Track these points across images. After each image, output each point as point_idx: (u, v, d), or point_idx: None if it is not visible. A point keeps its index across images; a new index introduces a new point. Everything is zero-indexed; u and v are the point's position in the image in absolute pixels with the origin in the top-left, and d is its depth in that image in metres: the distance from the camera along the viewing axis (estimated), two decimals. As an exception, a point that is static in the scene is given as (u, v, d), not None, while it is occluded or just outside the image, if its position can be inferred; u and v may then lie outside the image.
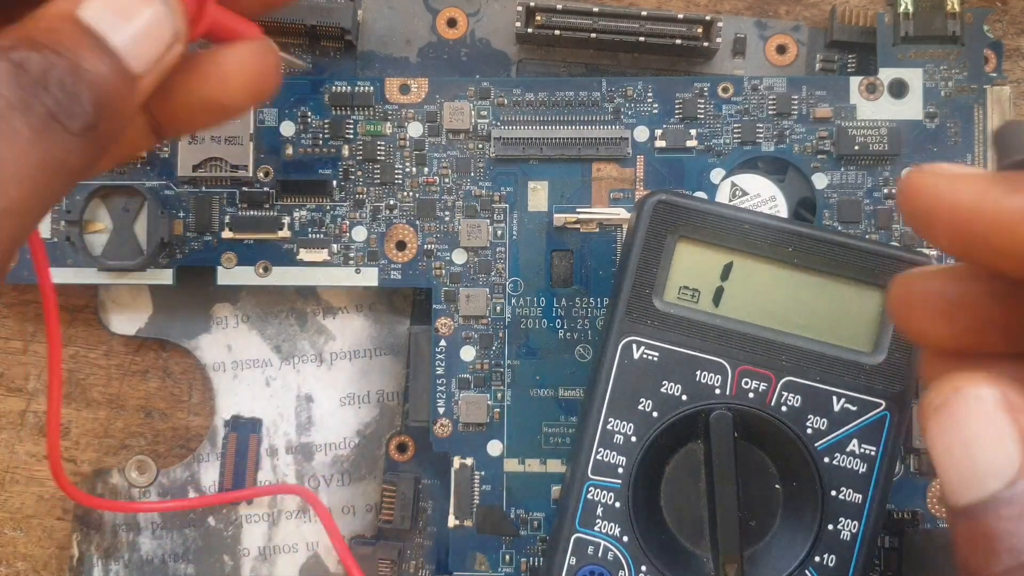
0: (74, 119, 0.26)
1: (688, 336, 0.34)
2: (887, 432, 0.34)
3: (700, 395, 0.34)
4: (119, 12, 0.27)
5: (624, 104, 0.40)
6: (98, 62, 0.26)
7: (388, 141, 0.40)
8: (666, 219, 0.34)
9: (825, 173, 0.39)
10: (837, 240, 0.34)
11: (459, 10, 0.42)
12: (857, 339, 0.34)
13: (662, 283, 0.35)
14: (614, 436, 0.34)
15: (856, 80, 0.39)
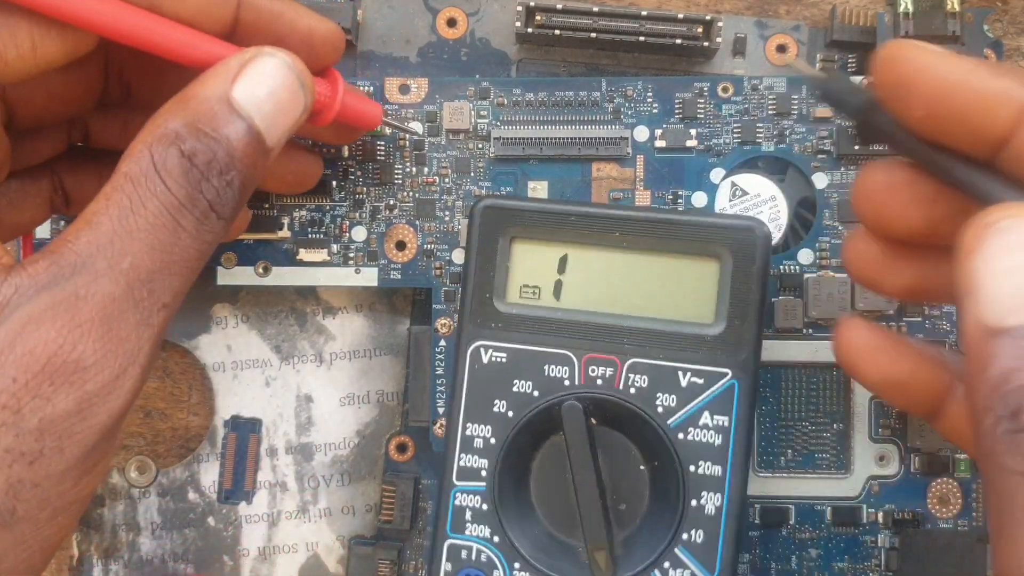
0: (226, 206, 0.29)
1: (532, 333, 0.35)
2: (737, 400, 0.34)
3: (551, 389, 0.35)
4: (266, 93, 0.29)
5: (624, 104, 0.40)
6: (246, 143, 0.29)
7: (388, 141, 0.40)
8: (496, 223, 0.35)
9: (825, 173, 0.39)
10: (661, 218, 0.35)
11: (459, 10, 0.42)
12: (697, 312, 0.35)
13: (503, 285, 0.36)
14: (474, 441, 0.35)
15: (856, 80, 0.39)
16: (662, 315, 0.35)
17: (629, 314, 0.35)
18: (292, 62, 0.30)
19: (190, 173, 0.28)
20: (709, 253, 0.35)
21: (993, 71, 0.26)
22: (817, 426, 0.40)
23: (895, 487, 0.39)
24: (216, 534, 0.41)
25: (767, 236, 0.34)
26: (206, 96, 0.29)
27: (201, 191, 0.28)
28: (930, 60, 0.26)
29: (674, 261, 0.35)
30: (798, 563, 0.39)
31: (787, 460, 0.40)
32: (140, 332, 0.27)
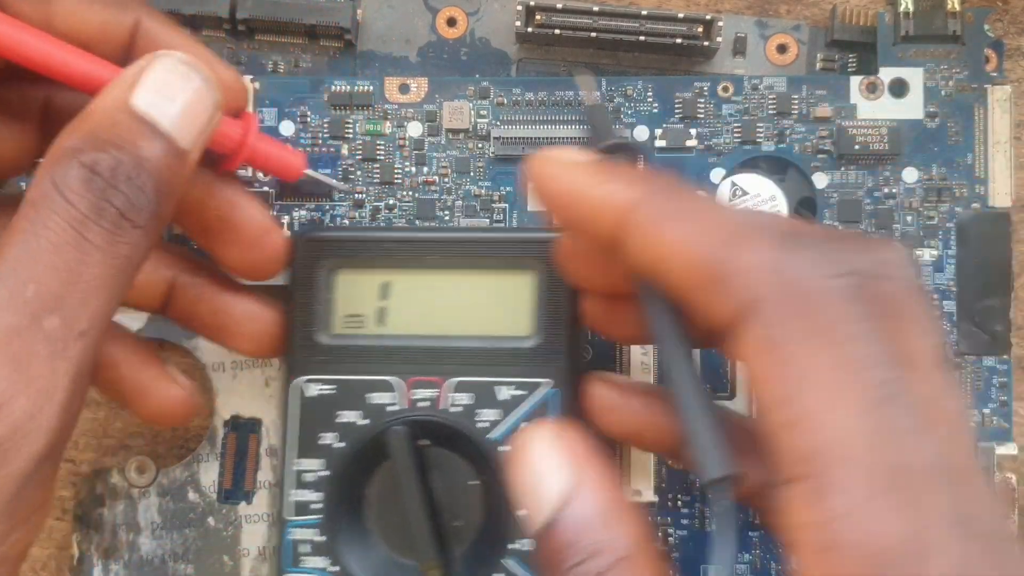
0: (141, 213, 0.27)
1: (356, 362, 0.36)
2: (560, 407, 0.35)
3: (377, 416, 0.35)
4: (166, 95, 0.28)
5: (624, 103, 0.40)
6: (155, 147, 0.27)
7: (387, 141, 0.40)
8: (317, 255, 0.36)
9: (825, 173, 0.39)
10: (474, 236, 0.36)
11: (459, 9, 0.42)
12: (515, 326, 0.35)
13: (327, 317, 0.36)
14: (306, 475, 0.35)
15: (856, 79, 0.39)
16: (483, 332, 0.36)
17: (451, 334, 0.36)
18: (192, 61, 0.29)
19: (92, 182, 0.26)
20: (523, 267, 0.35)
21: (604, 177, 0.28)
22: (817, 426, 0.39)
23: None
24: (216, 534, 0.41)
25: None
26: (104, 108, 0.28)
27: (108, 199, 0.26)
28: (554, 172, 0.29)
29: (491, 277, 0.36)
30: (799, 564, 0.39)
31: (787, 460, 0.39)
32: (55, 366, 0.25)
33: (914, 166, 0.39)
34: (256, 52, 0.42)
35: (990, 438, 0.39)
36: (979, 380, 0.39)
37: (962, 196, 0.39)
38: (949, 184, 0.39)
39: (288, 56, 0.42)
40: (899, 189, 0.39)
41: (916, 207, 0.39)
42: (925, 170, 0.39)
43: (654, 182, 0.28)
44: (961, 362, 0.39)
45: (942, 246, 0.39)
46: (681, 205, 0.27)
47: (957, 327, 0.39)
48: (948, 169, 0.39)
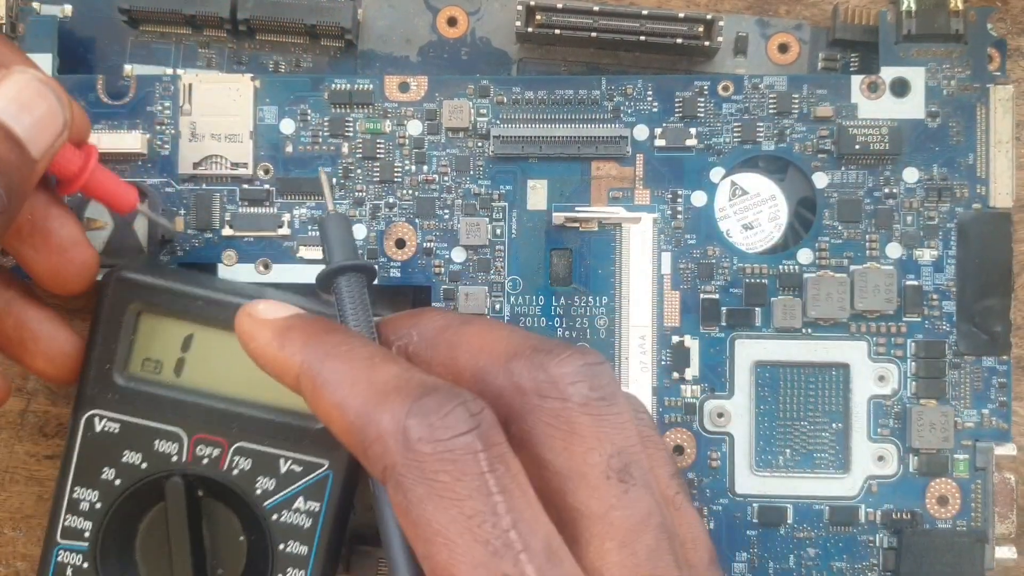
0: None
1: (147, 408, 0.36)
2: (330, 488, 0.36)
3: (158, 463, 0.36)
4: (21, 106, 0.30)
5: (624, 102, 0.40)
6: (7, 151, 0.30)
7: (387, 139, 0.40)
8: (127, 295, 0.36)
9: (826, 172, 0.39)
10: None
11: (459, 9, 0.42)
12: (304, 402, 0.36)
13: (125, 355, 0.37)
14: (80, 503, 0.36)
15: (857, 79, 0.39)
16: (274, 402, 0.36)
17: (244, 398, 0.36)
18: (47, 79, 0.32)
19: None
20: None
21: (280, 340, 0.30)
22: (815, 425, 0.40)
23: (893, 487, 0.39)
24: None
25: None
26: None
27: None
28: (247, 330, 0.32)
29: None
30: (796, 562, 0.39)
31: (785, 459, 0.40)
32: None
33: (915, 166, 0.39)
34: (257, 52, 0.42)
35: (989, 438, 0.39)
36: (978, 380, 0.39)
37: (963, 196, 0.39)
38: (950, 184, 0.39)
39: (289, 56, 0.42)
40: (900, 189, 0.39)
41: (916, 207, 0.39)
42: (926, 170, 0.39)
43: (320, 345, 0.29)
44: (961, 362, 0.39)
45: (942, 246, 0.39)
46: (338, 369, 0.29)
47: (956, 327, 0.39)
48: (949, 169, 0.39)
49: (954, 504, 0.39)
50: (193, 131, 0.40)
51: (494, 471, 0.26)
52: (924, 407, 0.39)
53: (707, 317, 0.39)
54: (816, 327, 0.39)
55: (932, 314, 0.39)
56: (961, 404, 0.39)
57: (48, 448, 0.42)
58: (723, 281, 0.40)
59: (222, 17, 0.40)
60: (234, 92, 0.40)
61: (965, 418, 0.39)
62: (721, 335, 0.40)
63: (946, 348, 0.39)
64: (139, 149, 0.39)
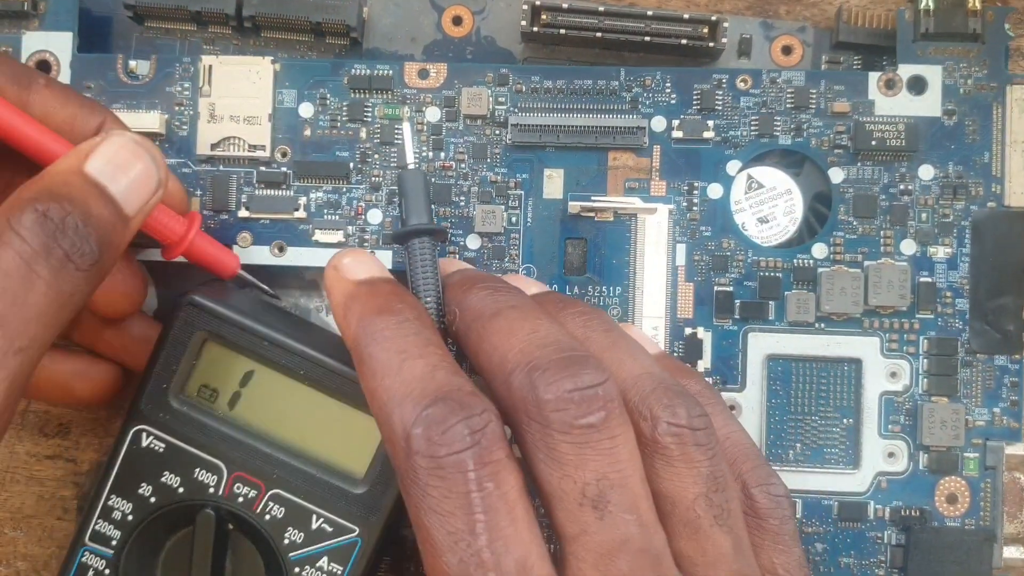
0: (84, 258, 0.30)
1: (195, 434, 0.36)
2: (356, 556, 0.36)
3: (195, 491, 0.36)
4: (117, 166, 0.32)
5: (642, 94, 0.40)
6: (102, 208, 0.31)
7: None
8: (197, 319, 0.36)
9: (842, 168, 0.39)
10: (342, 371, 0.36)
11: (465, 8, 0.42)
12: (351, 464, 0.36)
13: (184, 378, 0.37)
14: (113, 511, 0.37)
15: (875, 75, 0.39)
16: (320, 456, 0.36)
17: (291, 446, 0.36)
18: (143, 140, 0.33)
19: (44, 224, 0.29)
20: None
21: (345, 306, 0.33)
22: (827, 420, 0.40)
23: (903, 484, 0.39)
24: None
25: None
26: (60, 170, 0.32)
27: (56, 241, 0.30)
28: (329, 284, 0.34)
29: (347, 411, 0.36)
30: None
31: (796, 454, 0.40)
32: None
33: (930, 163, 0.39)
34: (262, 49, 0.42)
35: (1000, 437, 0.39)
36: (990, 379, 0.39)
37: (978, 195, 0.39)
38: (965, 182, 0.39)
39: (294, 53, 0.42)
40: (915, 186, 0.39)
41: (931, 204, 0.39)
42: (941, 167, 0.39)
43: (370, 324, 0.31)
44: (973, 360, 0.39)
45: (956, 244, 0.39)
46: (377, 354, 0.31)
47: (969, 325, 0.39)
48: (964, 167, 0.39)
49: (963, 502, 0.39)
50: (212, 112, 0.40)
51: (481, 490, 0.27)
52: (935, 404, 0.39)
53: (720, 309, 0.40)
54: (829, 322, 0.39)
55: (945, 311, 0.39)
56: (972, 402, 0.39)
57: (48, 448, 0.42)
58: (737, 274, 0.40)
59: (227, 14, 0.40)
60: (254, 75, 0.40)
61: (976, 416, 0.39)
62: (734, 328, 0.40)
63: (958, 346, 0.39)
64: (157, 129, 0.39)
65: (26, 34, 0.40)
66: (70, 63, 0.40)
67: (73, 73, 0.40)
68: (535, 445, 0.29)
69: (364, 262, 0.34)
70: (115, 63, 0.40)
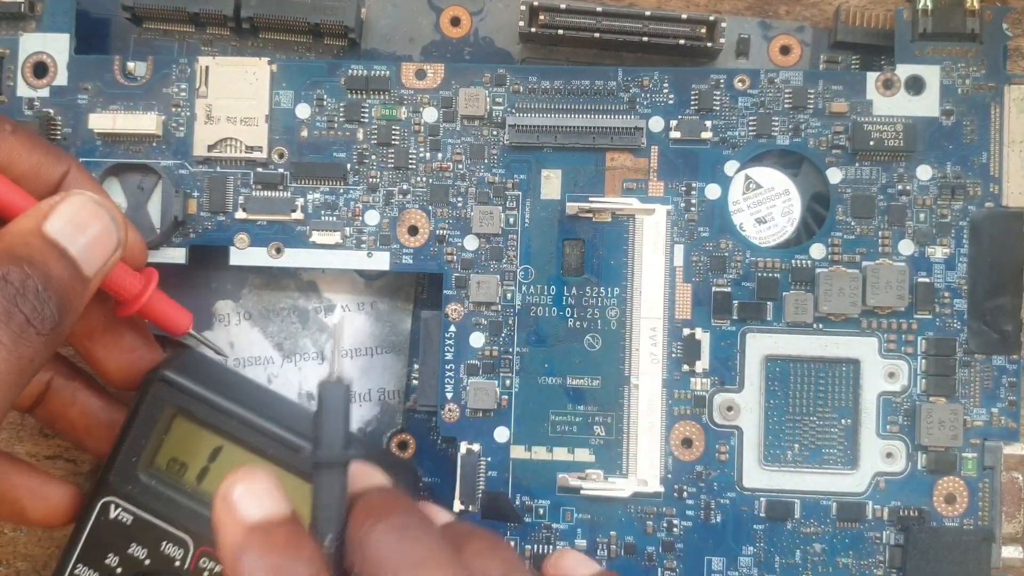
0: (45, 322, 0.30)
1: (163, 508, 0.37)
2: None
3: (161, 564, 0.37)
4: (77, 226, 0.32)
5: (640, 94, 0.40)
6: (61, 270, 0.31)
7: (403, 126, 0.40)
8: (167, 395, 0.37)
9: (840, 168, 0.39)
10: (306, 449, 0.36)
11: (463, 8, 0.42)
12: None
13: (154, 451, 0.37)
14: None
15: (873, 76, 0.39)
16: None
17: None
18: (103, 201, 0.33)
19: (4, 289, 0.30)
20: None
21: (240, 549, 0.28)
22: (825, 421, 0.40)
23: (901, 484, 0.39)
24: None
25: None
26: (19, 231, 0.31)
27: (16, 305, 0.29)
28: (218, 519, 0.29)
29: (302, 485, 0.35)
30: (802, 557, 0.39)
31: (794, 454, 0.40)
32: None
33: (928, 163, 0.39)
34: (260, 50, 0.42)
35: (998, 437, 0.39)
36: (988, 379, 0.39)
37: (976, 195, 0.39)
38: (963, 182, 0.39)
39: (292, 54, 0.42)
40: (913, 186, 0.39)
41: (929, 204, 0.39)
42: (939, 167, 0.39)
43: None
44: (971, 360, 0.39)
45: (954, 244, 0.39)
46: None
47: (967, 325, 0.39)
48: (963, 167, 0.39)
49: (962, 502, 0.39)
50: (209, 113, 0.40)
51: None
52: (933, 404, 0.39)
53: (718, 310, 0.39)
54: (827, 322, 0.39)
55: (943, 312, 0.39)
56: (970, 402, 0.39)
57: (48, 448, 0.42)
58: (735, 274, 0.40)
59: (226, 15, 0.40)
60: (251, 76, 0.40)
61: (974, 416, 0.39)
62: (732, 328, 0.40)
63: (956, 346, 0.39)
64: (154, 130, 0.39)
65: (23, 35, 0.40)
66: (67, 64, 0.40)
67: (70, 74, 0.40)
68: None
69: (259, 494, 0.29)
70: (112, 64, 0.40)
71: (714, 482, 0.39)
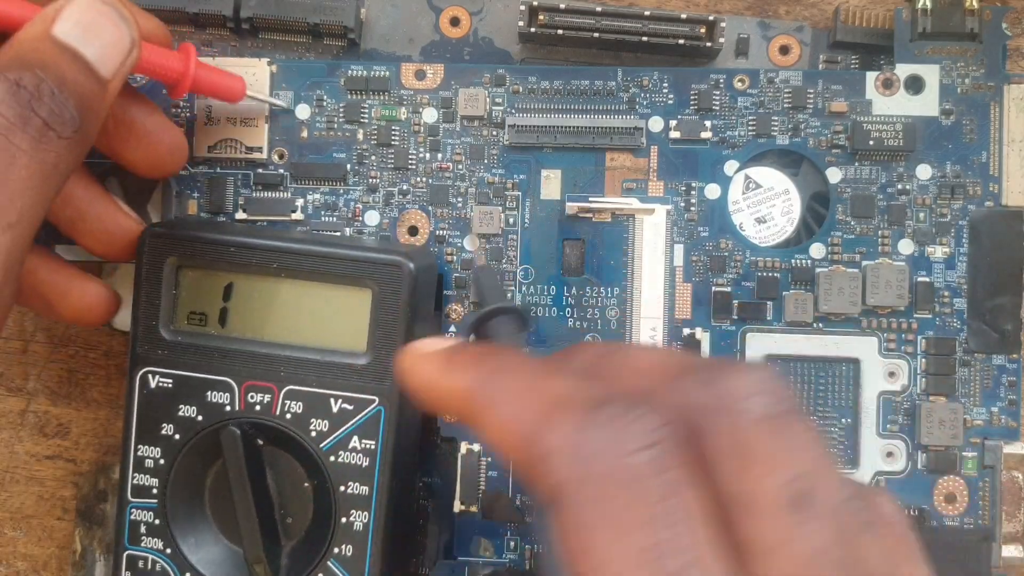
0: (65, 125, 0.29)
1: (197, 360, 0.36)
2: (383, 425, 0.35)
3: (213, 414, 0.36)
4: (86, 27, 0.31)
5: (639, 94, 0.40)
6: (77, 72, 0.30)
7: (402, 126, 0.40)
8: (163, 250, 0.36)
9: (839, 167, 0.39)
10: (316, 250, 0.36)
11: (462, 9, 0.42)
12: (350, 341, 0.36)
13: (170, 311, 0.37)
14: (145, 461, 0.37)
15: (872, 75, 0.39)
16: (319, 343, 0.36)
17: (289, 342, 0.36)
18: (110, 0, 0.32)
19: (18, 94, 0.28)
20: (361, 285, 0.36)
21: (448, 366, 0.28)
22: (825, 420, 0.40)
23: (902, 483, 0.39)
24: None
25: (411, 272, 0.35)
26: (27, 38, 0.30)
27: (32, 109, 0.29)
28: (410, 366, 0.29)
29: (331, 291, 0.36)
30: (803, 557, 0.39)
31: (794, 454, 0.39)
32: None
33: (928, 163, 0.39)
34: (260, 51, 0.42)
35: (998, 436, 0.39)
36: (988, 379, 0.39)
37: (975, 194, 0.39)
38: (963, 182, 0.39)
39: (292, 55, 0.41)
40: (913, 185, 0.39)
41: (929, 204, 0.39)
42: (939, 167, 0.39)
43: (488, 364, 0.27)
44: (971, 359, 0.39)
45: (954, 243, 0.39)
46: (507, 385, 0.26)
47: (967, 325, 0.39)
48: (962, 167, 0.39)
49: (962, 502, 0.39)
50: (208, 114, 0.40)
51: (673, 497, 0.22)
52: (933, 404, 0.39)
53: (718, 310, 0.39)
54: (827, 322, 0.39)
55: (943, 311, 0.39)
56: (970, 401, 0.39)
57: (48, 448, 0.42)
58: (735, 274, 0.40)
59: (225, 15, 0.40)
60: (250, 76, 0.39)
61: (974, 416, 0.39)
62: (732, 328, 0.40)
63: (956, 345, 0.39)
64: (154, 131, 0.39)
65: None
66: (66, 65, 0.40)
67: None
68: (723, 445, 0.24)
69: (441, 338, 0.31)
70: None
71: (714, 482, 0.39)
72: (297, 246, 0.36)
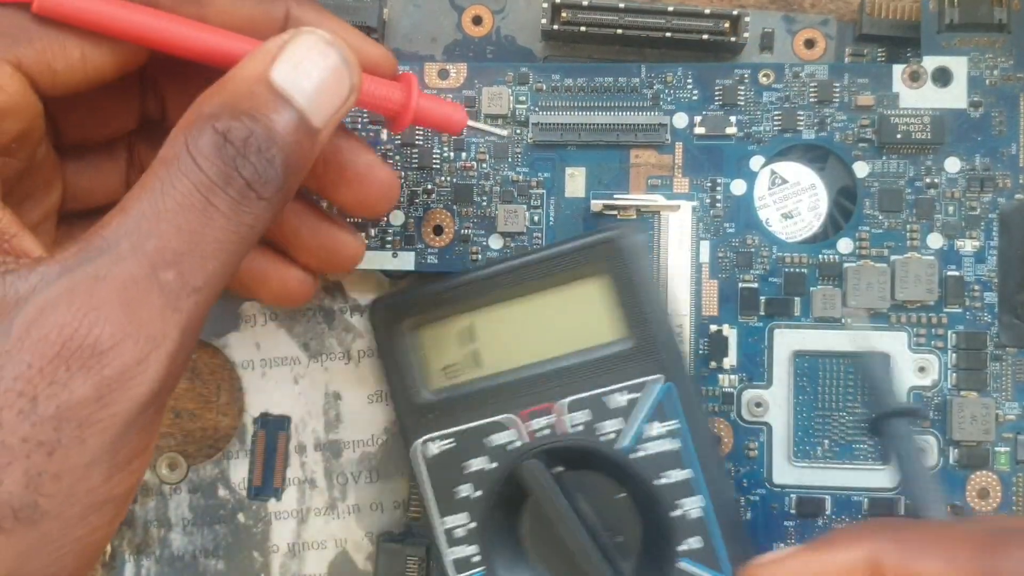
0: (267, 185, 0.27)
1: (465, 410, 0.35)
2: (679, 399, 0.34)
3: (503, 456, 0.35)
4: (307, 73, 0.28)
5: (663, 90, 0.39)
6: (288, 123, 0.27)
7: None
8: (391, 318, 0.36)
9: (866, 162, 0.39)
10: (534, 259, 0.35)
11: (484, 7, 0.41)
12: (607, 331, 0.35)
13: (422, 375, 0.36)
14: (455, 531, 0.35)
15: (899, 68, 0.39)
16: (578, 346, 0.35)
17: (549, 357, 0.35)
18: (333, 40, 0.29)
19: (223, 150, 0.26)
20: (592, 273, 0.35)
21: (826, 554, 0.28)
22: (855, 416, 0.39)
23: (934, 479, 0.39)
24: (246, 530, 0.40)
25: (632, 242, 0.35)
26: (243, 77, 0.28)
27: (236, 168, 0.26)
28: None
29: (565, 292, 0.35)
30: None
31: (824, 450, 0.39)
32: (165, 316, 0.26)
33: (957, 156, 0.39)
34: None
35: (1030, 430, 0.39)
36: (1020, 372, 0.39)
37: (1005, 187, 0.39)
38: (992, 174, 0.39)
39: None
40: (941, 179, 0.39)
41: (958, 197, 0.39)
42: (968, 160, 0.39)
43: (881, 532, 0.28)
44: (1002, 354, 0.39)
45: (984, 237, 0.39)
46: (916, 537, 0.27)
47: (998, 319, 0.39)
48: (991, 159, 0.39)
49: (995, 497, 0.39)
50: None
51: None
52: (965, 399, 0.39)
53: (745, 306, 0.39)
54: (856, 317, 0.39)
55: (973, 305, 0.39)
56: (1002, 396, 0.39)
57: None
58: (762, 270, 0.39)
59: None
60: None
61: (1006, 410, 0.39)
62: (760, 324, 0.39)
63: (987, 340, 0.39)
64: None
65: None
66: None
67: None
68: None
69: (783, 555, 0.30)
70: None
71: (743, 479, 0.39)
72: (516, 262, 0.35)
